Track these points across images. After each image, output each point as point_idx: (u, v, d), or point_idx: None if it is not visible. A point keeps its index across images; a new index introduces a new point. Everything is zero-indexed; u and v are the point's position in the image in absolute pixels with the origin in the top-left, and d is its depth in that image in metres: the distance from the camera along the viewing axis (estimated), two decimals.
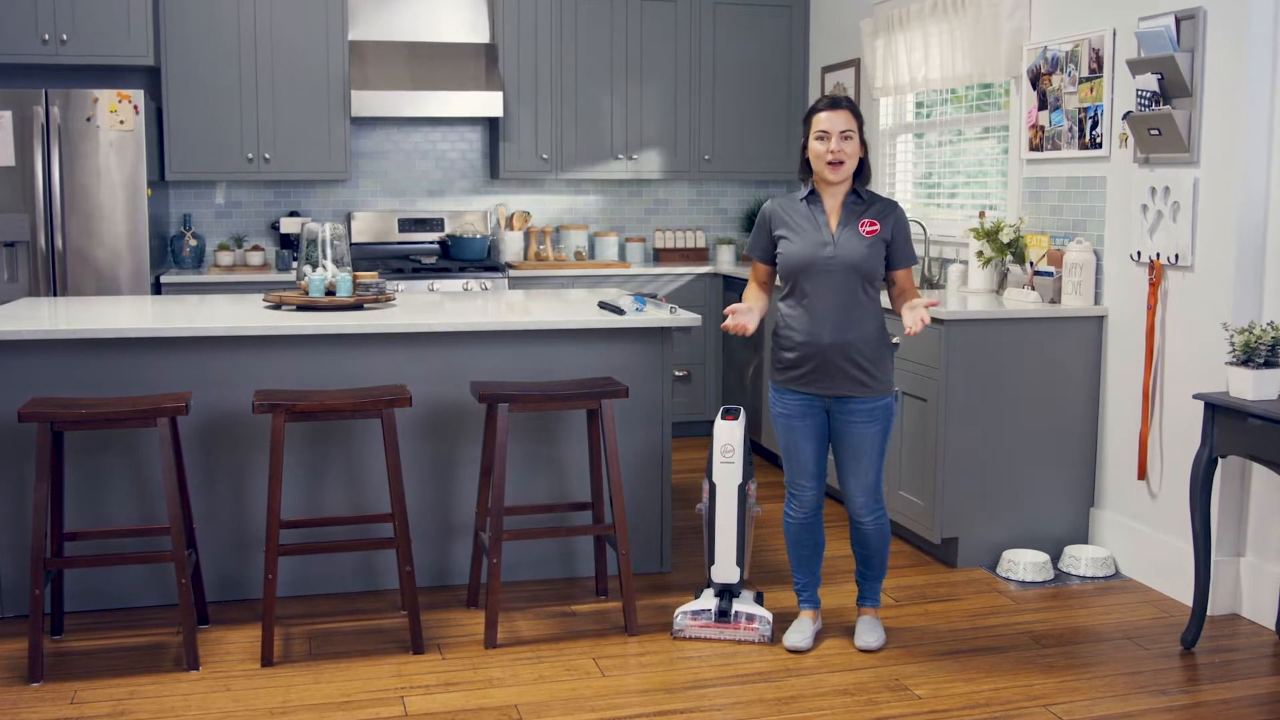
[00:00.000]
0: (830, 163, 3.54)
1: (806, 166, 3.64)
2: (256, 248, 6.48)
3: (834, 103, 3.59)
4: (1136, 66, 4.22)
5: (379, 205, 6.82)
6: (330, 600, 4.19)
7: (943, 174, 5.89)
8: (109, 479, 4.03)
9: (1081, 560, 4.50)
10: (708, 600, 3.89)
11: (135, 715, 3.29)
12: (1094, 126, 4.56)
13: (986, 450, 4.53)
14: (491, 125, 6.80)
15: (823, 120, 3.56)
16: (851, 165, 3.57)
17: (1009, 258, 4.93)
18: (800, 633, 3.79)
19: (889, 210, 3.61)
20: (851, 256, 3.54)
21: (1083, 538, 4.68)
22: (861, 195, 3.62)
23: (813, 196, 3.64)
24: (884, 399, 3.61)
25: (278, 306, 4.44)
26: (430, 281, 6.18)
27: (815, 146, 3.58)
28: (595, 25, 6.66)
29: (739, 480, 3.85)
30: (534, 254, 6.80)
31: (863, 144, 3.60)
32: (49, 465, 3.52)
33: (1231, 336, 3.72)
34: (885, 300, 3.89)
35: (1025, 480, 4.60)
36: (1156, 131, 4.17)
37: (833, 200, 3.62)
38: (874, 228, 3.57)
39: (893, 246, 3.60)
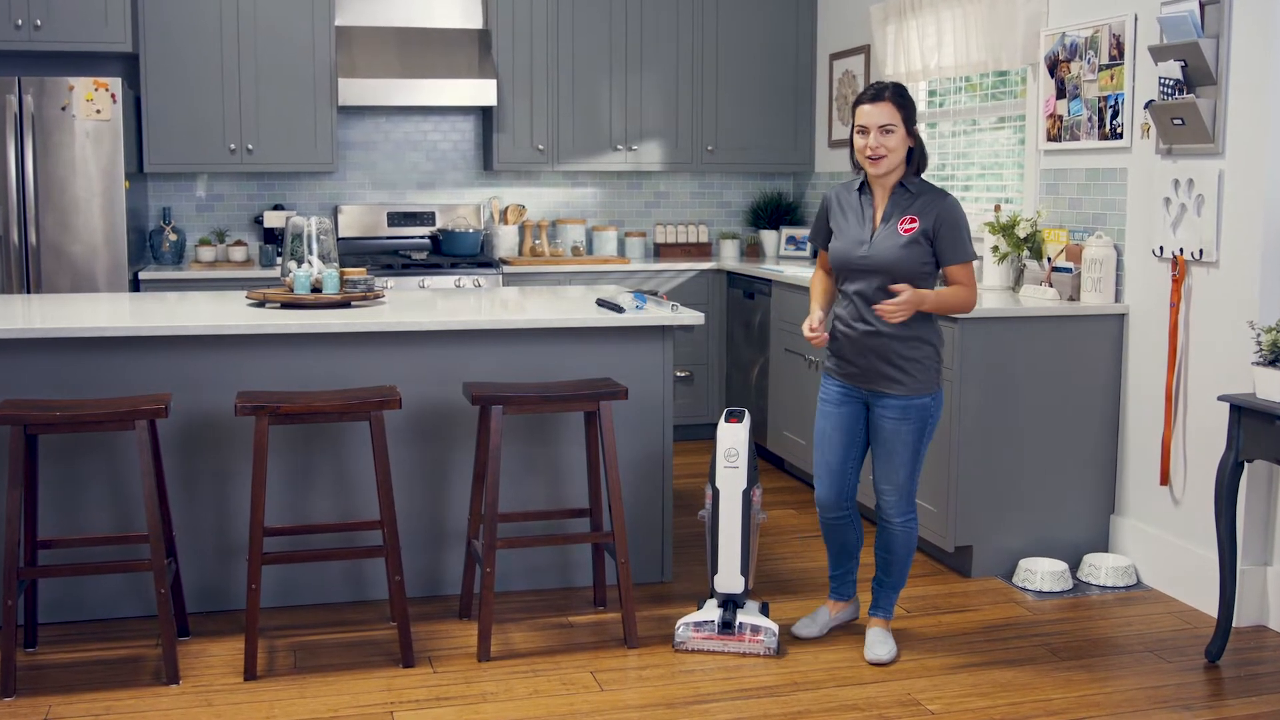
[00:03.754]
0: (870, 158, 3.61)
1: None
2: (239, 243, 6.48)
3: (876, 94, 3.62)
4: (1159, 53, 4.22)
5: (367, 198, 6.82)
6: (316, 611, 4.19)
7: (956, 165, 5.89)
8: (85, 484, 4.03)
9: (1101, 569, 4.50)
10: (710, 611, 3.89)
11: None
12: (1114, 116, 4.56)
13: (1002, 454, 4.53)
14: (485, 115, 6.80)
15: (864, 114, 3.62)
16: (893, 159, 3.61)
17: (1026, 253, 4.93)
18: (811, 621, 3.92)
19: (934, 203, 3.61)
20: (884, 258, 3.61)
21: (1103, 546, 4.68)
22: (910, 188, 3.65)
23: (865, 187, 3.72)
24: (919, 399, 3.65)
25: (261, 304, 4.44)
26: (421, 278, 6.18)
27: (856, 140, 3.65)
28: (593, 10, 6.66)
29: (744, 486, 3.85)
30: (529, 249, 6.80)
31: (912, 134, 3.62)
32: (22, 470, 3.52)
33: (1258, 335, 3.72)
34: None
35: (1043, 486, 4.60)
36: (1180, 121, 4.17)
37: (882, 192, 3.69)
38: (912, 225, 3.60)
39: (938, 242, 3.61)
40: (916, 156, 3.65)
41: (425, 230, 6.74)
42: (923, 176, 3.70)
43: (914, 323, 3.62)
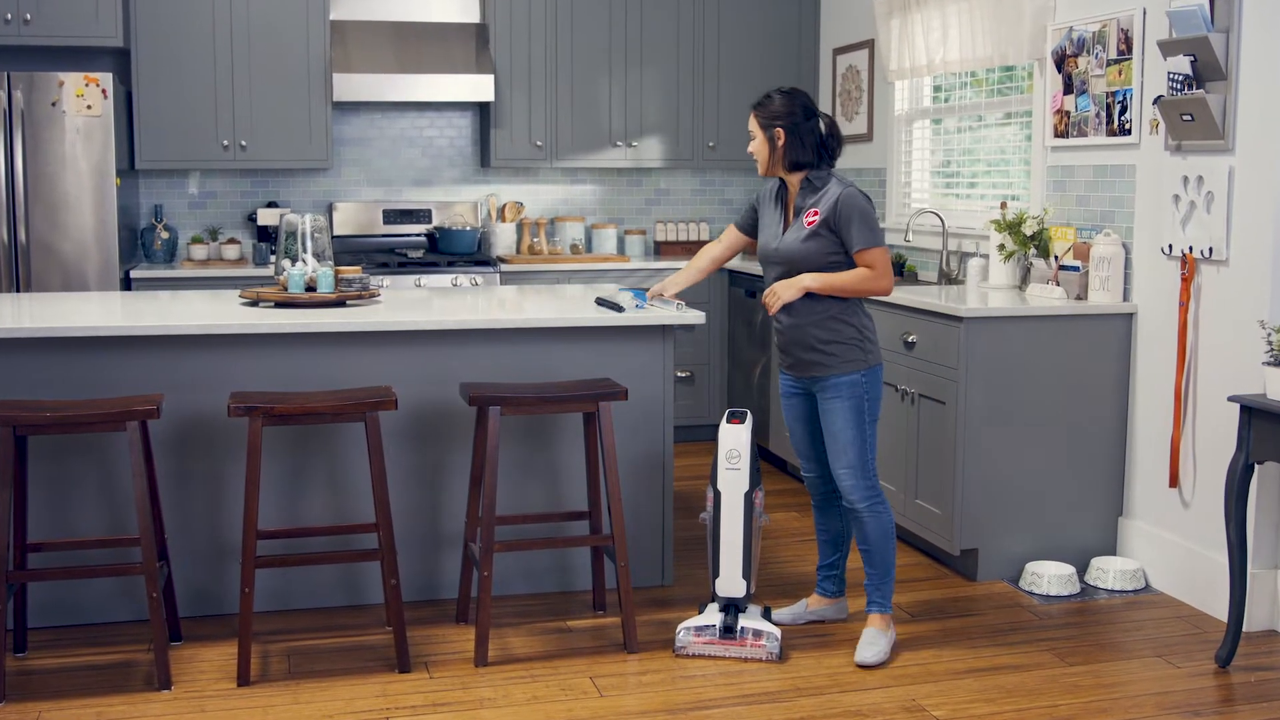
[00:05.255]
0: None
1: None
2: (232, 241, 6.48)
3: None
4: (1168, 48, 4.22)
5: (362, 195, 6.82)
6: (310, 615, 4.19)
7: (962, 162, 5.89)
8: (75, 486, 4.03)
9: (1109, 573, 4.50)
10: (712, 615, 3.89)
11: None
12: (1123, 112, 4.56)
13: (1008, 456, 4.54)
14: (482, 110, 6.80)
15: None
16: (759, 161, 3.85)
17: (1032, 251, 4.93)
18: (789, 610, 4.10)
19: (833, 194, 3.75)
20: (791, 251, 3.80)
21: (1111, 549, 4.68)
22: (815, 182, 3.80)
23: (782, 187, 3.91)
24: (847, 376, 3.77)
25: (255, 303, 4.44)
26: (417, 276, 6.18)
27: None
28: (592, 4, 6.66)
29: (745, 488, 3.85)
30: (527, 247, 6.80)
31: (782, 132, 3.77)
32: (11, 471, 3.52)
33: (1269, 335, 3.72)
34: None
35: (1049, 488, 4.60)
36: (1189, 117, 4.17)
37: (793, 189, 3.87)
38: (815, 217, 3.76)
39: (839, 232, 3.74)
40: (785, 151, 3.78)
41: (422, 228, 6.74)
42: (829, 171, 3.81)
43: (828, 306, 3.76)
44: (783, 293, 3.77)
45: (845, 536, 4.08)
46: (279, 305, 4.36)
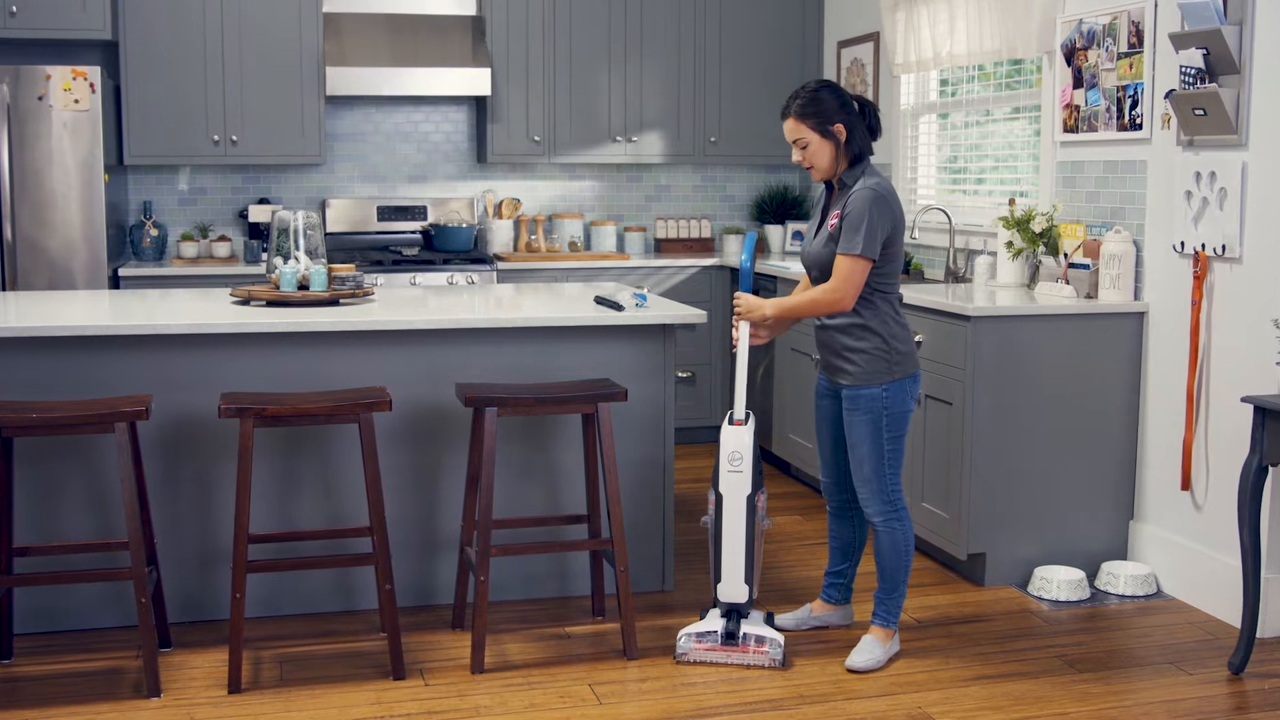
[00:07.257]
0: (808, 169, 3.81)
1: None
2: (223, 238, 6.48)
3: (783, 110, 3.80)
4: (1180, 41, 4.22)
5: (356, 192, 6.82)
6: (303, 621, 4.19)
7: (969, 158, 5.89)
8: (62, 489, 4.03)
9: (1120, 578, 4.50)
10: (713, 621, 3.89)
11: None
12: (1134, 106, 4.56)
13: (1016, 458, 4.53)
14: (479, 105, 6.81)
15: (784, 130, 3.82)
16: (821, 167, 3.76)
17: (1041, 249, 4.93)
18: (792, 615, 4.11)
19: (850, 194, 3.71)
20: (814, 255, 3.82)
21: (1121, 553, 4.68)
22: (847, 181, 3.76)
23: (828, 187, 3.86)
24: (868, 389, 3.75)
25: (246, 302, 4.44)
26: (412, 274, 6.18)
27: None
28: None
29: (748, 491, 3.85)
30: (525, 245, 6.80)
31: (831, 132, 3.70)
32: None
33: None
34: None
35: (1059, 491, 4.60)
36: (1201, 111, 4.17)
37: (835, 191, 3.84)
38: (835, 218, 3.74)
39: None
40: (849, 145, 3.73)
41: (417, 225, 6.74)
42: (864, 166, 3.74)
43: (858, 312, 3.73)
44: (745, 310, 3.81)
45: (857, 546, 4.07)
46: (271, 304, 4.36)
